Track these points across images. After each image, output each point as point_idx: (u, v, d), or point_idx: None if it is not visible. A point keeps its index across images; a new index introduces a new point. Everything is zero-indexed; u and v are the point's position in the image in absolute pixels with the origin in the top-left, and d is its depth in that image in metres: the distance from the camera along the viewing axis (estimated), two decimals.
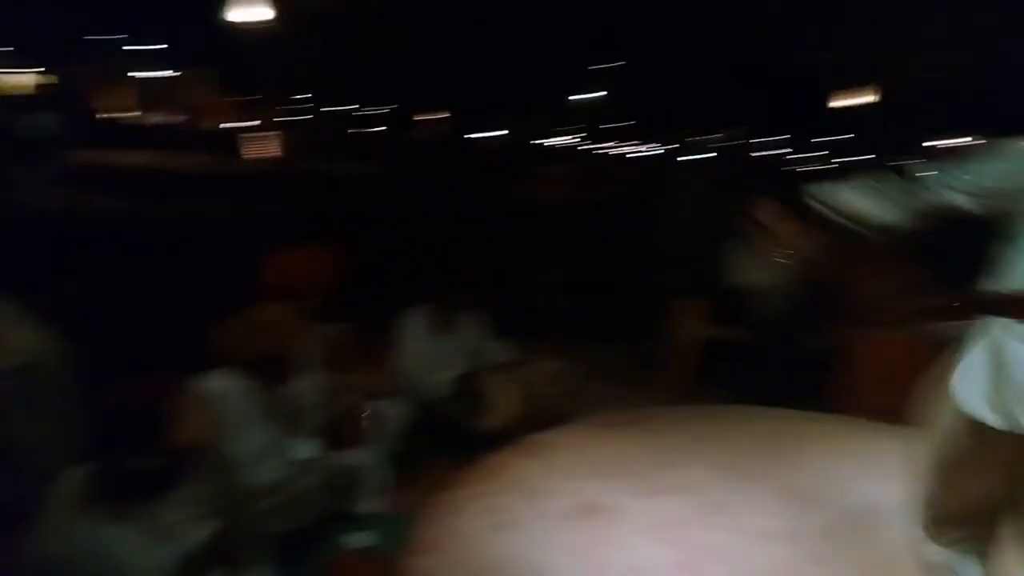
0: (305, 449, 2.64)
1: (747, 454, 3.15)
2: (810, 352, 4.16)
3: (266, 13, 5.49)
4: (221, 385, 2.31)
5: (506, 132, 18.21)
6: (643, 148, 21.00)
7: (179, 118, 11.42)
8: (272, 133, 11.24)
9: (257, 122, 11.48)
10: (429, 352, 3.53)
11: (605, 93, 19.42)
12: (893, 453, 2.32)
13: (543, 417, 3.43)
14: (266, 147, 10.40)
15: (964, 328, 1.84)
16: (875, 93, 8.97)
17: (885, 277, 4.04)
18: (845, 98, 8.72)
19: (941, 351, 1.89)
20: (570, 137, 21.37)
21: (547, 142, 19.92)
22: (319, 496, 2.59)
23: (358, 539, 2.56)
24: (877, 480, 2.71)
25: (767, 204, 2.90)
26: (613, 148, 20.55)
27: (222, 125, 11.07)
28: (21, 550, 1.69)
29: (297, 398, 2.68)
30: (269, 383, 2.53)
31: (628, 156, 19.80)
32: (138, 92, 11.04)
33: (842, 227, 2.01)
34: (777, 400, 3.90)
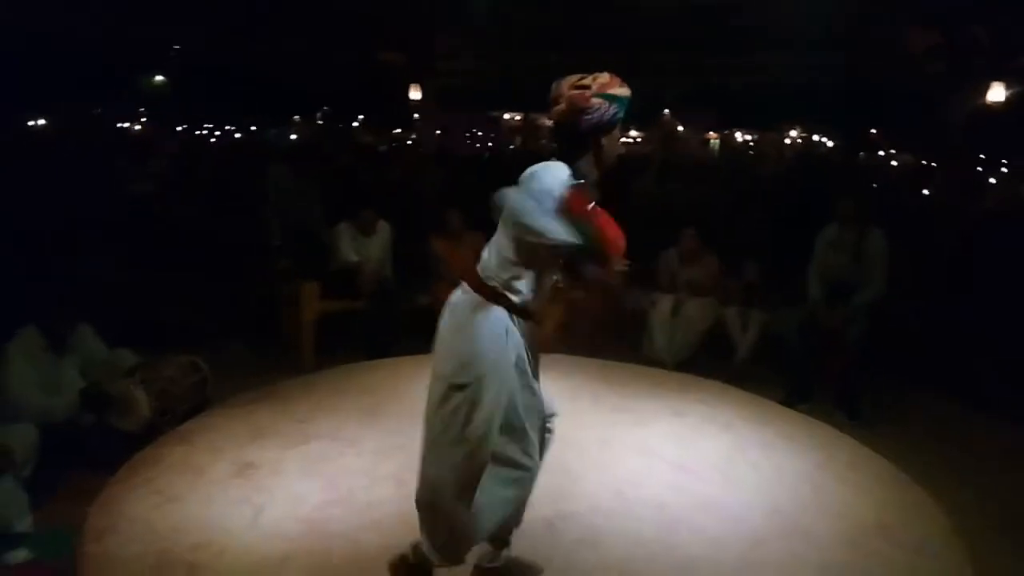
0: None
1: (373, 398, 3.87)
2: (415, 309, 5.06)
3: None
4: None
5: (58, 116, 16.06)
6: (217, 132, 20.37)
7: None
8: None
9: None
10: (45, 372, 3.47)
11: (164, 78, 18.41)
12: None
13: (184, 408, 3.68)
14: None
15: None
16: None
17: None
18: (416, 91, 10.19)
19: None
20: (136, 122, 19.72)
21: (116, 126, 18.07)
22: None
23: (16, 556, 2.63)
24: None
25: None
26: (184, 132, 19.39)
27: None
28: None
29: None
30: None
31: (205, 140, 18.93)
32: None
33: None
34: (389, 352, 4.71)
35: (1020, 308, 4.62)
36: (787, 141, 14.59)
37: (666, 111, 15.10)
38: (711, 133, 16.54)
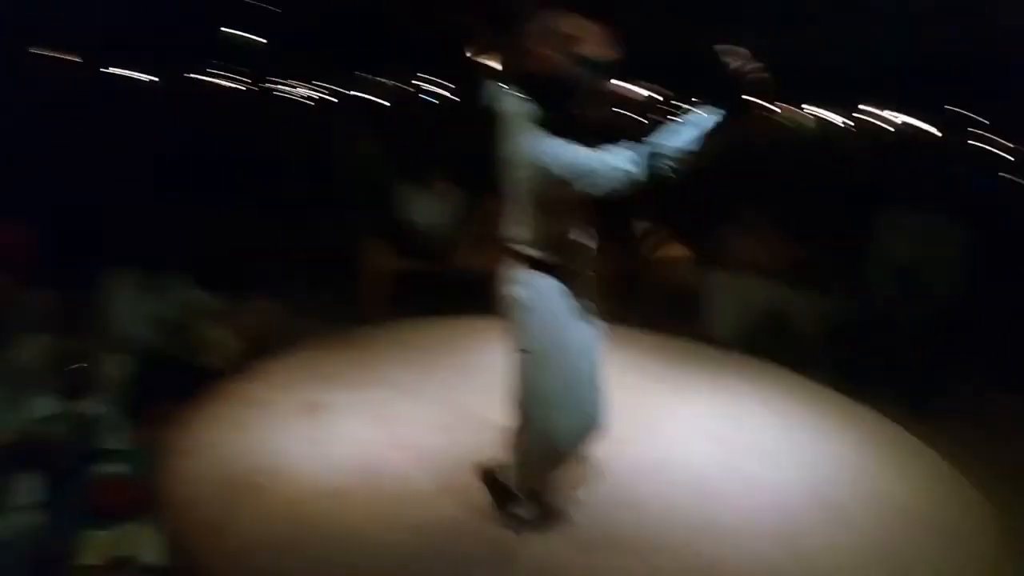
0: (40, 404, 2.88)
1: (433, 351, 4.07)
2: (477, 272, 5.22)
3: None
4: None
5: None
6: (306, 89, 20.86)
7: None
8: None
9: None
10: (142, 308, 3.80)
11: (260, 34, 18.96)
12: None
13: (259, 349, 3.97)
14: None
15: None
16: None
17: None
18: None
19: None
20: (227, 77, 20.42)
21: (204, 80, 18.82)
22: (64, 440, 2.87)
23: (108, 468, 2.93)
24: None
25: None
26: (275, 88, 19.94)
27: None
28: None
29: (20, 359, 2.88)
30: None
31: (296, 98, 19.45)
32: None
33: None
34: (454, 311, 4.89)
35: None
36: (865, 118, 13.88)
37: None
38: (788, 107, 15.88)
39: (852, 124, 15.57)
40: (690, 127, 1.95)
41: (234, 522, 2.41)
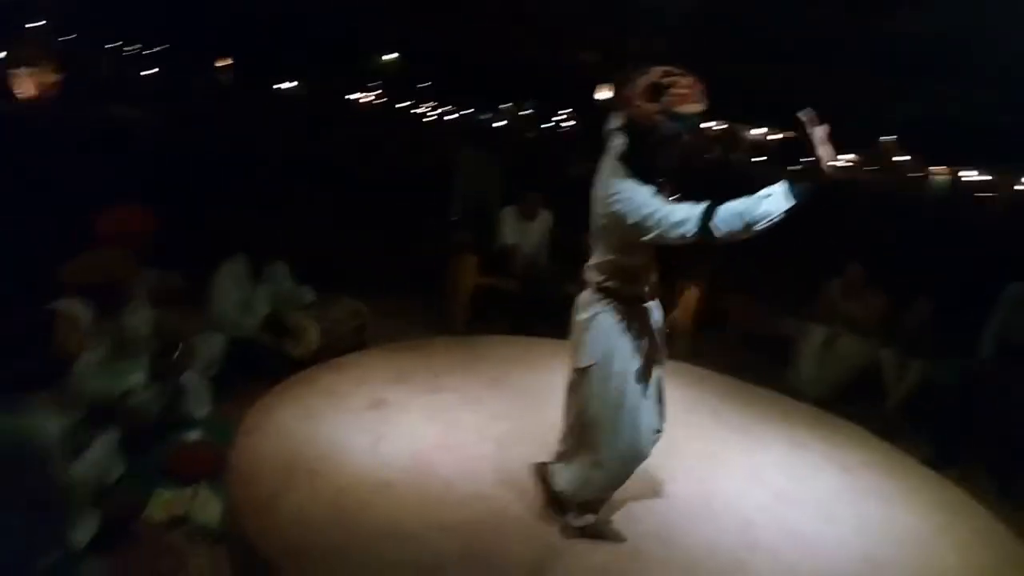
0: (138, 369, 3.20)
1: (500, 366, 4.17)
2: (560, 296, 5.31)
3: None
4: (76, 309, 2.82)
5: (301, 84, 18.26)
6: (437, 110, 21.96)
7: None
8: None
9: None
10: (243, 295, 4.13)
11: (398, 56, 20.15)
12: None
13: (343, 345, 4.22)
14: None
15: None
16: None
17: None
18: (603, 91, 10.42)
19: None
20: (367, 95, 21.78)
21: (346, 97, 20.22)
22: (155, 405, 3.18)
23: (191, 435, 3.23)
24: None
25: None
26: (409, 108, 21.19)
27: None
28: None
29: (129, 327, 3.22)
30: (104, 312, 3.05)
31: (424, 118, 20.53)
32: None
33: None
34: (532, 331, 4.99)
35: None
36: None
37: (885, 137, 14.01)
38: (935, 167, 15.06)
39: (989, 185, 14.57)
40: (756, 200, 2.04)
41: (283, 501, 2.59)
